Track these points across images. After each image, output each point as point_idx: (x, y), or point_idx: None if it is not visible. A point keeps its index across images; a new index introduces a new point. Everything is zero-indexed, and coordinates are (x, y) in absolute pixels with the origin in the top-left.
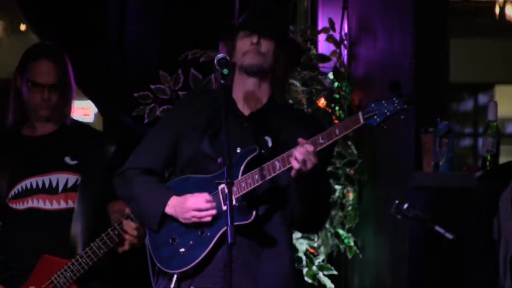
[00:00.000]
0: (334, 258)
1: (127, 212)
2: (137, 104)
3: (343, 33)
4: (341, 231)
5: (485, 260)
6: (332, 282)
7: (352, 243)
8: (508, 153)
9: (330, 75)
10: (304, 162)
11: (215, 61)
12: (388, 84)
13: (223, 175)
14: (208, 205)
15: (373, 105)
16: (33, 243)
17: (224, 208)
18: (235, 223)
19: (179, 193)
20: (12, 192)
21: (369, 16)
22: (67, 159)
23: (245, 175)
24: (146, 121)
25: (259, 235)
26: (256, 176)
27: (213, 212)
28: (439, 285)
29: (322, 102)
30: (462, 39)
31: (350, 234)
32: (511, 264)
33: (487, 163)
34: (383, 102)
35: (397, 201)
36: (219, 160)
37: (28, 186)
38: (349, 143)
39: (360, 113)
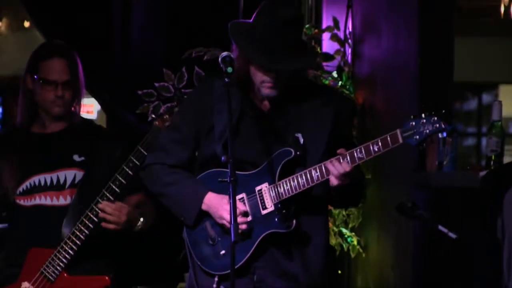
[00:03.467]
0: (337, 257)
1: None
2: (140, 101)
3: (347, 32)
4: (344, 230)
5: (489, 259)
6: (335, 281)
7: (355, 242)
8: None
9: (334, 74)
10: (342, 179)
11: (219, 59)
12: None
13: (260, 177)
14: (242, 219)
15: (412, 123)
16: (37, 239)
17: (264, 212)
18: (273, 230)
19: (214, 190)
20: (20, 189)
21: (374, 14)
22: (75, 157)
23: (282, 180)
24: (149, 119)
25: (292, 239)
26: (294, 183)
27: (244, 226)
28: (442, 285)
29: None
30: (466, 38)
31: (353, 233)
32: None
33: (491, 162)
34: (422, 120)
35: (400, 201)
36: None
37: (36, 183)
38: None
39: (398, 131)
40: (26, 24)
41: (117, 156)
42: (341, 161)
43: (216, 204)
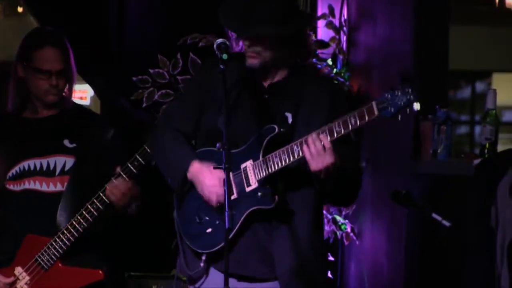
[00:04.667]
0: (331, 245)
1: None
2: (135, 88)
3: (342, 19)
4: (338, 218)
5: (483, 247)
6: (329, 268)
7: (349, 230)
8: (506, 141)
9: (329, 61)
10: (318, 158)
11: (215, 45)
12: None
13: (246, 154)
14: (221, 191)
15: (386, 95)
16: (27, 224)
17: (248, 189)
18: (256, 207)
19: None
20: (10, 174)
21: (369, 2)
22: (66, 142)
23: (265, 157)
24: (144, 105)
25: (277, 216)
26: (276, 159)
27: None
28: (436, 272)
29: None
30: (460, 26)
31: (347, 221)
32: (508, 251)
33: (486, 151)
34: (397, 92)
35: (394, 188)
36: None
37: (26, 168)
38: None
39: (374, 103)
40: (20, 9)
41: (108, 139)
42: (320, 134)
43: (199, 174)
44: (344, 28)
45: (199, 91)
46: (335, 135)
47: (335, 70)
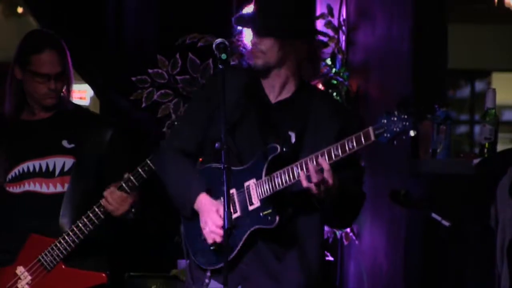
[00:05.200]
0: (331, 245)
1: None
2: (134, 88)
3: (341, 19)
4: None
5: (482, 247)
6: (328, 268)
7: (348, 230)
8: (505, 141)
9: (328, 61)
10: (319, 178)
11: (214, 45)
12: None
13: (250, 173)
14: (218, 231)
15: (383, 121)
16: (28, 225)
17: (250, 208)
18: (258, 226)
19: (207, 185)
20: (9, 176)
21: (368, 2)
22: (64, 143)
23: (267, 176)
24: (143, 105)
25: (283, 237)
26: (278, 180)
27: (218, 239)
28: (435, 272)
29: (319, 87)
30: (460, 25)
31: None
32: (508, 251)
33: (485, 150)
34: (393, 118)
35: (394, 188)
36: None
37: (25, 170)
38: None
39: (370, 129)
40: (20, 9)
41: (107, 141)
42: (319, 157)
43: (204, 209)
44: (343, 28)
45: (207, 104)
46: (334, 158)
47: (334, 69)
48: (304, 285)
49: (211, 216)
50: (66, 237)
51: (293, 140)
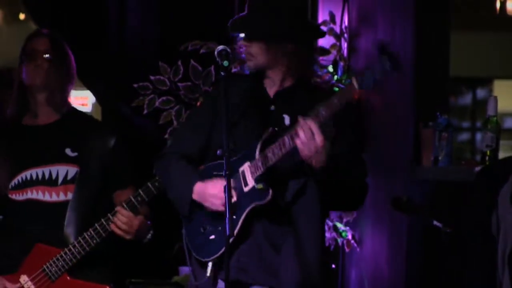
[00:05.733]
0: (332, 252)
1: (122, 203)
2: (136, 94)
3: (343, 26)
4: (339, 225)
5: (484, 255)
6: (330, 275)
7: (350, 237)
8: (507, 148)
9: (330, 68)
10: (307, 144)
11: (216, 52)
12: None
13: (244, 159)
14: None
15: (365, 69)
16: (30, 234)
17: (246, 189)
18: (253, 204)
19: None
20: (12, 183)
21: (370, 9)
22: (68, 151)
23: (260, 154)
24: (145, 112)
25: (282, 231)
26: (269, 154)
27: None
28: (436, 279)
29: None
30: (462, 32)
31: (348, 228)
32: (509, 259)
33: (487, 158)
34: (375, 65)
35: (395, 195)
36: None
37: (28, 177)
38: None
39: (353, 78)
40: (21, 16)
41: (109, 149)
42: (307, 119)
43: (202, 189)
44: (345, 35)
45: (210, 110)
46: (322, 119)
47: (336, 76)
48: (302, 283)
49: (211, 188)
50: (72, 249)
51: (287, 122)
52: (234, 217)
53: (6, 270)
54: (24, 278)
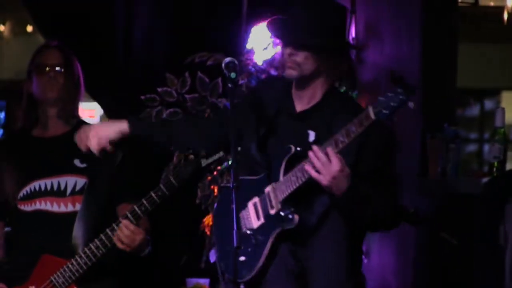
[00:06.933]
0: None
1: (126, 212)
2: (143, 106)
3: (350, 38)
4: None
5: (491, 266)
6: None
7: None
8: None
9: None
10: (324, 171)
11: (223, 64)
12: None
13: (270, 178)
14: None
15: (380, 98)
16: (39, 244)
17: (272, 212)
18: (279, 229)
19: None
20: (21, 194)
21: (377, 20)
22: (77, 162)
23: (284, 177)
24: None
25: (306, 244)
26: (293, 178)
27: None
28: None
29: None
30: (469, 44)
31: None
32: None
33: (494, 169)
34: (389, 94)
35: (403, 206)
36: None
37: (37, 188)
38: None
39: (370, 108)
40: (29, 28)
41: (117, 162)
42: (326, 148)
43: None
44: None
45: (240, 118)
46: (340, 145)
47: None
48: None
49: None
50: (79, 259)
51: (312, 138)
52: (261, 238)
53: (14, 281)
54: None
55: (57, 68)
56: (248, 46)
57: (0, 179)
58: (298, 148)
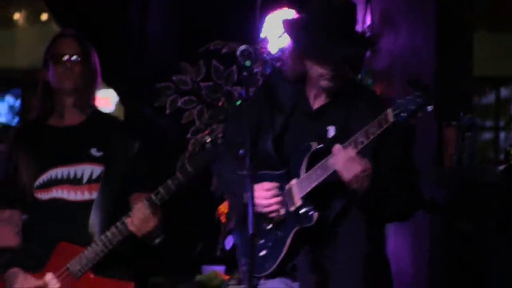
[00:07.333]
0: None
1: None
2: (158, 94)
3: (365, 26)
4: None
5: (507, 255)
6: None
7: None
8: None
9: None
10: (346, 168)
11: (238, 52)
12: (407, 81)
13: (291, 174)
14: (269, 193)
15: (399, 101)
16: (55, 232)
17: (292, 209)
18: (299, 227)
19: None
20: (37, 182)
21: (392, 9)
22: (93, 151)
23: (306, 174)
24: (167, 111)
25: (326, 239)
26: (314, 176)
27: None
28: (460, 281)
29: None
30: (484, 32)
31: None
32: None
33: (510, 157)
34: (408, 97)
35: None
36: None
37: (53, 176)
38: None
39: (389, 111)
40: (44, 16)
41: (133, 151)
42: (347, 147)
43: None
44: (367, 35)
45: (256, 111)
46: (360, 145)
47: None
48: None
49: (256, 193)
50: (95, 247)
51: (331, 134)
52: (280, 233)
53: (31, 268)
54: (49, 276)
55: (74, 58)
56: (263, 34)
57: (16, 168)
58: (320, 145)
